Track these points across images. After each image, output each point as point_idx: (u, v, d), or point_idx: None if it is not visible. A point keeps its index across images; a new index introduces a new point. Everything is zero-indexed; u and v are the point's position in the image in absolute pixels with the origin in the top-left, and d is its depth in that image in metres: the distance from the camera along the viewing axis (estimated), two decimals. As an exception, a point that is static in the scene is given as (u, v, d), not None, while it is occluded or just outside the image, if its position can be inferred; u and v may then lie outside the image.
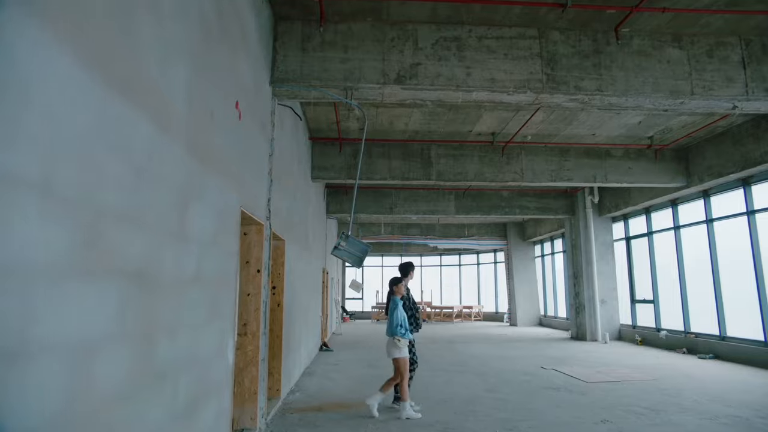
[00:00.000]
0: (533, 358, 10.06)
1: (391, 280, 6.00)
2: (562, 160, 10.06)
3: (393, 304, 5.78)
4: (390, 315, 5.75)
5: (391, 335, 5.61)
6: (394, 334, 5.55)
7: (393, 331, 5.58)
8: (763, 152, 8.29)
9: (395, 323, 5.58)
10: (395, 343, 5.57)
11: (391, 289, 5.93)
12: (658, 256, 11.98)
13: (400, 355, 5.59)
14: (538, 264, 19.75)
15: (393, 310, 5.70)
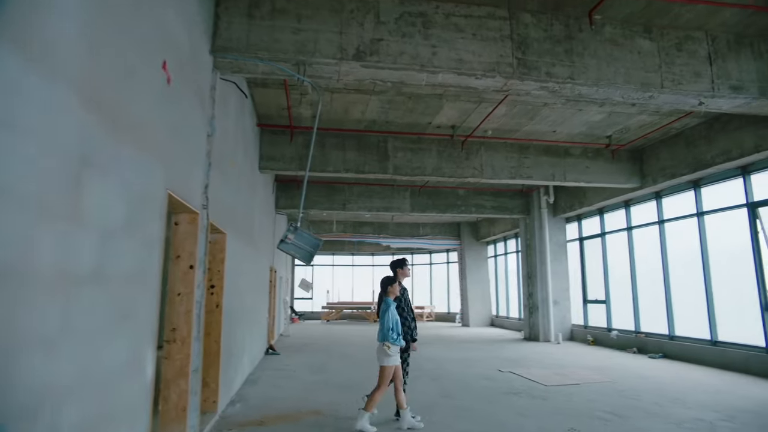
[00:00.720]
0: (489, 360, 9.78)
1: (384, 279, 5.35)
2: (521, 157, 9.84)
3: (384, 305, 5.14)
4: (381, 318, 5.10)
5: (382, 340, 5.01)
6: (385, 339, 4.96)
7: (384, 335, 4.98)
8: (714, 155, 8.36)
9: (386, 327, 4.98)
10: (384, 349, 4.96)
11: (384, 290, 5.26)
12: (611, 256, 12.06)
13: (388, 364, 4.97)
14: (490, 264, 19.74)
15: (384, 312, 5.07)
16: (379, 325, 5.13)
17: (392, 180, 12.77)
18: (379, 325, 5.13)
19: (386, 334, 4.94)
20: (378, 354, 5.06)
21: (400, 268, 5.58)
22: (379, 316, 5.17)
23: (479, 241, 19.91)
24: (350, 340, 13.91)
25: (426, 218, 18.80)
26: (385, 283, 5.30)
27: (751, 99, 5.81)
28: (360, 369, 8.81)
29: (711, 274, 9.03)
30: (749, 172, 8.31)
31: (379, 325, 5.14)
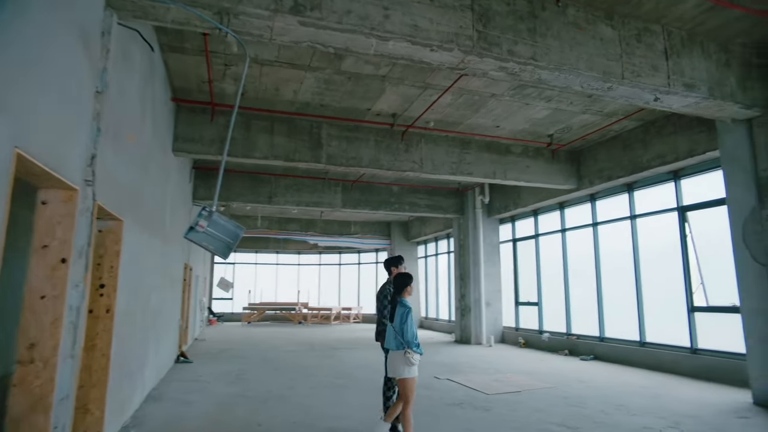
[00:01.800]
0: (423, 366, 9.19)
1: (398, 277, 4.66)
2: (463, 153, 9.42)
3: (403, 308, 4.44)
4: (400, 323, 4.40)
5: (399, 348, 4.33)
6: (410, 346, 4.28)
7: (408, 342, 4.30)
8: (650, 158, 8.41)
9: (410, 333, 4.32)
10: (407, 359, 4.28)
11: (399, 290, 4.60)
12: (544, 258, 12.04)
13: (411, 375, 4.32)
14: (421, 265, 19.43)
15: (404, 316, 4.39)
16: (393, 331, 4.43)
17: (324, 172, 11.93)
18: (393, 331, 4.43)
19: (410, 341, 4.29)
20: (396, 365, 4.37)
21: (395, 267, 5.04)
22: (393, 320, 4.52)
23: (410, 242, 19.54)
24: (273, 344, 12.86)
25: (357, 216, 18.11)
26: (401, 282, 4.62)
27: (700, 99, 5.68)
28: (284, 376, 7.90)
29: (642, 276, 9.12)
30: (680, 177, 8.44)
31: (393, 331, 4.44)
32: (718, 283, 7.91)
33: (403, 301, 4.52)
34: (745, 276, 6.29)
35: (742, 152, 6.39)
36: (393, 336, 4.41)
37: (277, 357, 10.42)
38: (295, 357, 10.49)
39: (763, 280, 6.06)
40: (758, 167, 6.20)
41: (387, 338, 4.54)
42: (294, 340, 14.27)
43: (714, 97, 5.67)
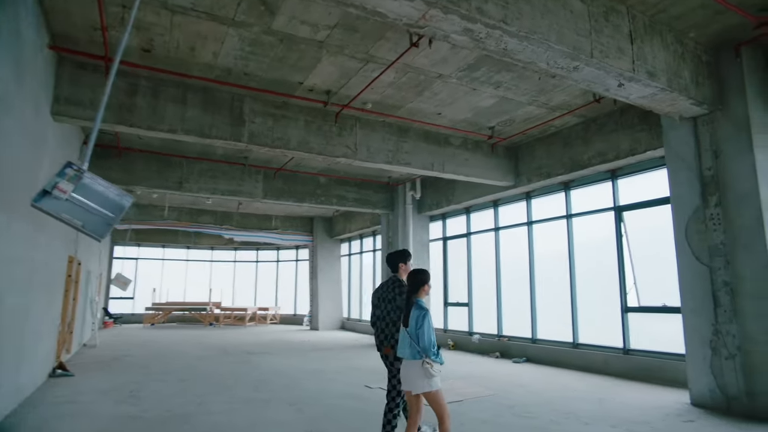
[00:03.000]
0: (351, 373, 8.40)
1: (414, 274, 3.98)
2: (400, 141, 8.71)
3: (419, 310, 3.79)
4: (415, 327, 3.74)
5: (415, 357, 3.69)
6: (428, 354, 3.65)
7: (425, 351, 3.66)
8: (591, 156, 8.24)
9: (428, 339, 3.68)
10: (426, 369, 3.63)
11: (414, 288, 3.91)
12: (476, 257, 11.70)
13: (435, 387, 3.67)
14: (344, 263, 18.57)
15: (421, 319, 3.74)
16: (404, 336, 3.79)
17: (244, 157, 10.69)
18: (404, 336, 3.79)
19: (428, 348, 3.66)
20: (412, 377, 3.71)
21: (402, 263, 4.46)
22: (407, 323, 3.80)
23: (333, 238, 18.60)
24: (179, 349, 11.34)
25: (278, 209, 16.85)
26: (418, 279, 3.93)
27: (659, 90, 5.40)
28: (190, 390, 6.68)
29: (576, 276, 8.97)
30: (618, 177, 8.36)
31: (405, 336, 3.78)
32: (650, 283, 7.89)
33: (420, 302, 3.86)
34: (687, 276, 6.16)
35: (687, 151, 6.27)
36: (408, 343, 3.74)
37: (183, 365, 9.05)
38: (205, 364, 9.18)
39: (704, 280, 5.94)
40: (702, 166, 6.09)
41: (400, 345, 3.84)
42: (204, 343, 12.79)
43: (671, 89, 5.41)
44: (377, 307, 4.38)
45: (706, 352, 5.87)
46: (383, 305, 4.32)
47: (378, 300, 4.41)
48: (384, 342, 4.27)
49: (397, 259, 4.49)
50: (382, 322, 4.29)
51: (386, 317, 4.26)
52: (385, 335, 4.27)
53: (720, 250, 5.82)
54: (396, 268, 4.47)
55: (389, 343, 4.22)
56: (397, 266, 4.46)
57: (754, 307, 5.48)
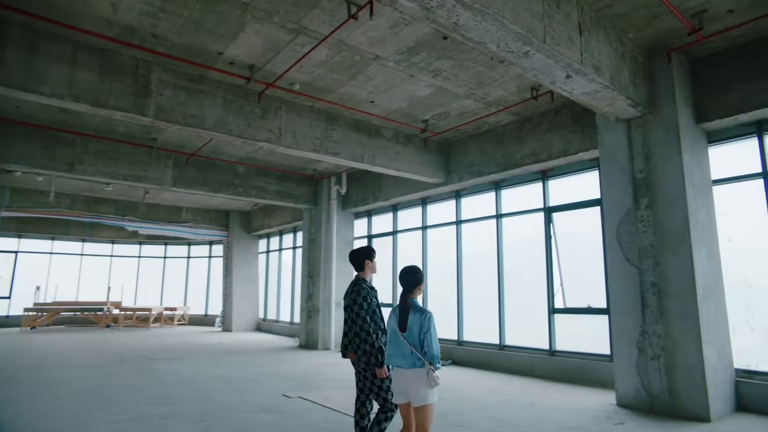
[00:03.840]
0: (267, 379, 7.63)
1: (408, 273, 3.59)
2: (329, 128, 8.08)
3: (421, 313, 3.41)
4: (419, 332, 3.36)
5: (417, 365, 3.29)
6: (434, 362, 3.30)
7: (433, 358, 3.31)
8: (524, 155, 8.16)
9: (435, 346, 3.33)
10: (433, 379, 3.27)
11: (409, 287, 3.54)
12: (402, 257, 11.33)
13: (434, 400, 3.35)
14: (261, 261, 17.50)
15: (426, 323, 3.36)
16: (400, 343, 3.37)
17: (151, 138, 9.48)
18: (400, 343, 3.37)
19: (437, 356, 3.32)
20: (416, 388, 3.30)
21: (369, 260, 4.07)
22: (406, 329, 3.39)
23: (251, 234, 17.46)
24: (64, 357, 9.82)
25: (190, 200, 15.45)
26: (412, 279, 3.54)
27: (602, 87, 5.27)
28: (68, 408, 5.58)
29: (505, 277, 8.86)
30: (548, 177, 8.35)
31: (402, 342, 3.36)
32: (576, 285, 7.94)
33: (416, 303, 3.49)
34: (616, 277, 6.15)
35: (620, 153, 6.28)
36: (407, 351, 3.32)
37: (64, 377, 7.74)
38: (93, 375, 7.93)
39: (633, 281, 5.95)
40: (634, 168, 6.12)
41: (393, 353, 3.42)
42: (96, 349, 11.26)
43: (613, 87, 5.31)
44: (346, 310, 4.02)
45: (632, 352, 5.87)
46: (348, 309, 3.97)
47: (345, 302, 4.07)
48: (348, 347, 3.93)
49: (363, 256, 4.07)
50: (348, 326, 3.97)
51: (355, 321, 3.87)
52: (349, 339, 3.92)
53: (649, 251, 5.85)
54: (361, 265, 4.05)
55: (353, 349, 3.87)
56: (362, 264, 4.05)
57: (678, 308, 5.54)
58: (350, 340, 3.89)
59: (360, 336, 3.78)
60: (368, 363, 3.79)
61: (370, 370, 3.80)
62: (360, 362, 3.85)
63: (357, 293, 3.89)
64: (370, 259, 4.09)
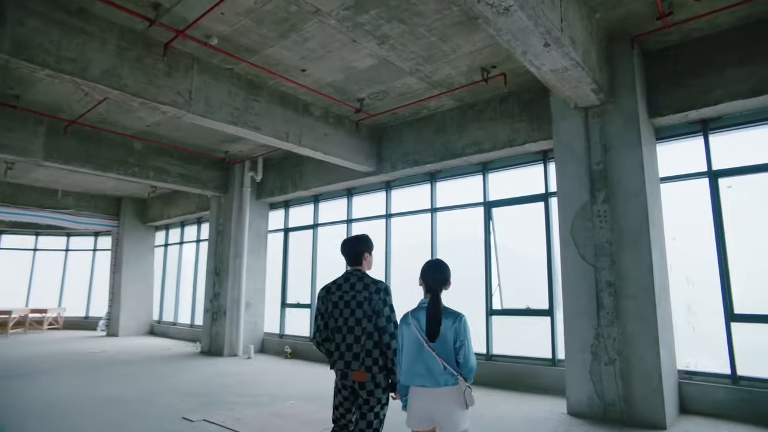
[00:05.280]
0: (163, 398, 6.24)
1: (436, 267, 2.86)
2: (251, 98, 6.87)
3: (453, 317, 2.69)
4: (455, 340, 2.64)
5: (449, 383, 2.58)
6: (469, 378, 2.62)
7: (470, 373, 2.63)
8: (466, 144, 7.57)
9: (473, 360, 2.65)
10: (471, 397, 2.57)
11: (439, 284, 2.80)
12: (322, 252, 10.31)
13: (468, 425, 2.62)
14: (158, 255, 15.45)
15: (462, 331, 2.67)
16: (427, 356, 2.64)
17: (13, 93, 7.52)
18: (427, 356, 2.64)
19: (474, 369, 2.68)
20: (450, 412, 2.57)
21: (368, 252, 3.28)
22: (436, 338, 2.65)
23: (146, 225, 15.33)
24: None
25: (71, 182, 13.04)
26: (443, 277, 2.84)
27: (573, 65, 4.75)
28: None
29: (437, 276, 8.22)
30: (489, 170, 7.85)
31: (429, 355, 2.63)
32: (515, 284, 7.50)
33: (446, 306, 2.77)
34: (570, 276, 5.71)
35: (576, 143, 5.86)
36: (436, 366, 2.62)
37: None
38: None
39: (588, 280, 5.54)
40: (592, 160, 5.73)
41: (417, 369, 2.67)
42: None
43: (583, 67, 4.81)
44: (333, 315, 3.10)
45: (586, 357, 5.45)
46: (346, 311, 3.05)
47: (334, 304, 3.11)
48: (352, 363, 2.96)
49: (362, 246, 3.23)
50: (348, 336, 3.01)
51: (354, 328, 3.00)
52: (354, 354, 2.97)
53: (606, 248, 5.46)
54: (359, 259, 3.21)
55: (361, 365, 2.93)
56: (360, 256, 3.21)
57: (636, 309, 5.20)
58: (355, 355, 2.96)
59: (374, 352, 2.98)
60: (376, 386, 2.94)
61: (376, 395, 2.95)
62: (365, 385, 2.94)
63: (378, 293, 3.03)
64: (369, 252, 3.26)
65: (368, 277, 3.14)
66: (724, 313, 5.54)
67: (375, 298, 3.00)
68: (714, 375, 5.55)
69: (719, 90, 5.45)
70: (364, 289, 3.05)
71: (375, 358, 2.95)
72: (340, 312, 3.07)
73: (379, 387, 2.94)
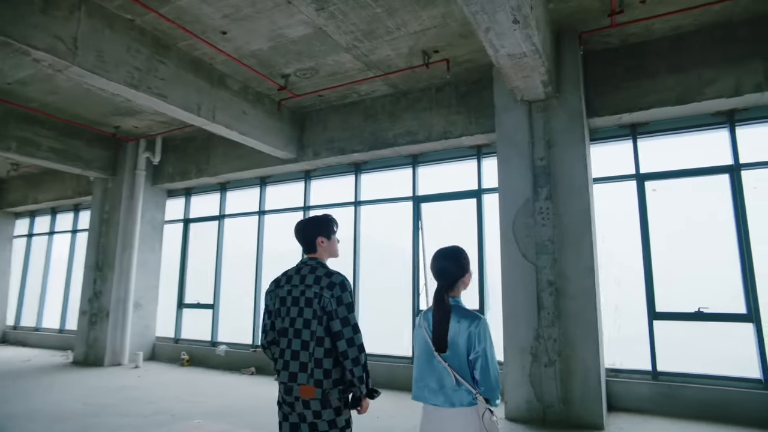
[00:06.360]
0: (20, 427, 4.92)
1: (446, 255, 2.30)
2: (156, 59, 5.75)
3: (468, 320, 2.13)
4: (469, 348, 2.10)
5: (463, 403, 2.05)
6: (491, 399, 2.06)
7: (492, 392, 2.06)
8: (398, 134, 7.12)
9: (495, 374, 2.08)
10: (492, 424, 2.02)
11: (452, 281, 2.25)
12: (230, 246, 9.23)
13: None
14: (18, 247, 12.99)
15: (482, 336, 2.10)
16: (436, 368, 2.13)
17: None
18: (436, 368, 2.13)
19: (495, 388, 2.05)
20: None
21: (324, 237, 2.53)
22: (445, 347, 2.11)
23: (5, 210, 12.82)
24: None
25: None
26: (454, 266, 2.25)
27: (532, 50, 4.51)
28: None
29: (360, 275, 7.66)
30: (420, 163, 7.48)
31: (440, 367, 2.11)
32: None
33: (459, 304, 2.21)
34: (511, 274, 5.49)
35: (520, 137, 5.67)
36: (448, 380, 2.08)
37: None
38: None
39: (529, 279, 5.36)
40: (535, 155, 5.57)
41: (424, 385, 2.18)
42: None
43: (540, 54, 4.57)
44: (279, 314, 2.44)
45: (525, 359, 5.25)
46: (294, 309, 2.39)
47: (282, 300, 2.44)
48: (298, 376, 2.30)
49: (312, 231, 2.54)
50: (294, 341, 2.35)
51: (302, 331, 2.35)
52: (300, 364, 2.31)
53: (548, 247, 5.31)
54: (312, 246, 2.53)
55: (309, 378, 2.27)
56: (313, 244, 2.53)
57: (577, 309, 5.10)
58: (302, 365, 2.29)
59: (325, 362, 2.31)
60: (323, 407, 2.27)
61: (325, 418, 2.27)
62: (311, 404, 2.26)
63: (330, 288, 2.35)
64: (326, 236, 2.55)
65: (323, 268, 2.46)
66: (647, 312, 5.68)
67: (325, 295, 2.34)
68: (637, 372, 5.67)
69: (652, 95, 5.58)
70: (314, 283, 2.38)
71: (327, 370, 2.30)
72: (287, 311, 2.41)
73: (328, 408, 2.28)
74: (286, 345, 2.36)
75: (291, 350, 2.33)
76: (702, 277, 5.65)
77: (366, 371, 2.32)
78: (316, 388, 2.25)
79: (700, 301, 5.50)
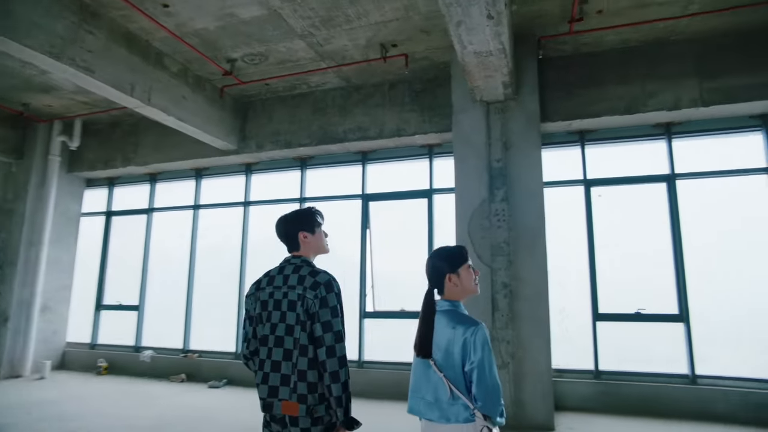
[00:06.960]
0: None
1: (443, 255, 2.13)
2: (83, 27, 5.07)
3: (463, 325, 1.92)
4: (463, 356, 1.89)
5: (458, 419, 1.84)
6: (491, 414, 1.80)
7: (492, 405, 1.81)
8: (349, 129, 6.87)
9: (495, 387, 1.83)
10: None
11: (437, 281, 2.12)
12: (157, 242, 8.47)
13: None
14: None
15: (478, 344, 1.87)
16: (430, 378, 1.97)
17: None
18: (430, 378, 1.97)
19: (496, 400, 1.83)
20: None
21: (307, 232, 2.25)
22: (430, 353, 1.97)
23: None
24: None
25: None
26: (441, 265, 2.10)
27: (499, 49, 4.48)
28: None
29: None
30: (370, 160, 7.26)
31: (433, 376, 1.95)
32: (388, 285, 7.03)
33: (455, 309, 2.01)
34: (464, 277, 5.42)
35: (477, 137, 5.63)
36: (442, 392, 1.89)
37: None
38: None
39: (484, 282, 5.30)
40: (492, 157, 5.55)
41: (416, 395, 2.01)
42: None
43: (506, 54, 4.54)
44: (261, 319, 2.12)
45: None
46: (276, 314, 2.09)
47: (263, 304, 2.13)
48: (280, 390, 2.01)
49: (293, 226, 2.24)
50: (276, 350, 2.05)
51: (284, 339, 2.04)
52: (282, 377, 2.02)
53: (503, 249, 5.30)
54: (294, 242, 2.24)
55: (293, 393, 1.97)
56: (294, 239, 2.24)
57: (530, 311, 5.13)
58: (283, 379, 2.00)
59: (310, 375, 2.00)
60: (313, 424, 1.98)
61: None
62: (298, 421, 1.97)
63: (313, 288, 2.05)
64: (309, 230, 2.25)
65: (308, 266, 2.17)
66: (591, 314, 5.85)
67: (308, 296, 2.05)
68: (580, 371, 5.82)
69: (601, 104, 5.76)
70: (298, 283, 2.09)
71: (311, 383, 2.00)
72: (268, 315, 2.10)
73: (318, 425, 2.01)
74: (266, 355, 2.05)
75: (271, 361, 2.02)
76: (641, 279, 5.92)
77: (346, 392, 2.00)
78: (299, 404, 1.95)
79: (639, 303, 5.76)
